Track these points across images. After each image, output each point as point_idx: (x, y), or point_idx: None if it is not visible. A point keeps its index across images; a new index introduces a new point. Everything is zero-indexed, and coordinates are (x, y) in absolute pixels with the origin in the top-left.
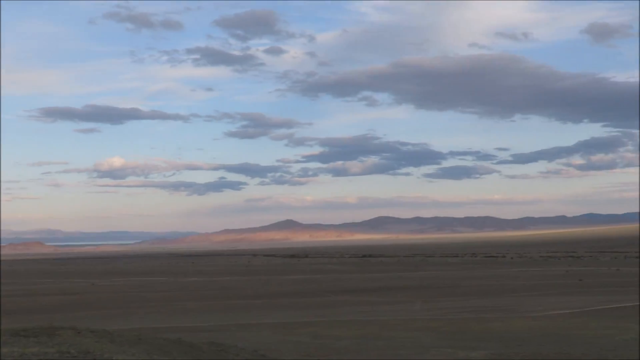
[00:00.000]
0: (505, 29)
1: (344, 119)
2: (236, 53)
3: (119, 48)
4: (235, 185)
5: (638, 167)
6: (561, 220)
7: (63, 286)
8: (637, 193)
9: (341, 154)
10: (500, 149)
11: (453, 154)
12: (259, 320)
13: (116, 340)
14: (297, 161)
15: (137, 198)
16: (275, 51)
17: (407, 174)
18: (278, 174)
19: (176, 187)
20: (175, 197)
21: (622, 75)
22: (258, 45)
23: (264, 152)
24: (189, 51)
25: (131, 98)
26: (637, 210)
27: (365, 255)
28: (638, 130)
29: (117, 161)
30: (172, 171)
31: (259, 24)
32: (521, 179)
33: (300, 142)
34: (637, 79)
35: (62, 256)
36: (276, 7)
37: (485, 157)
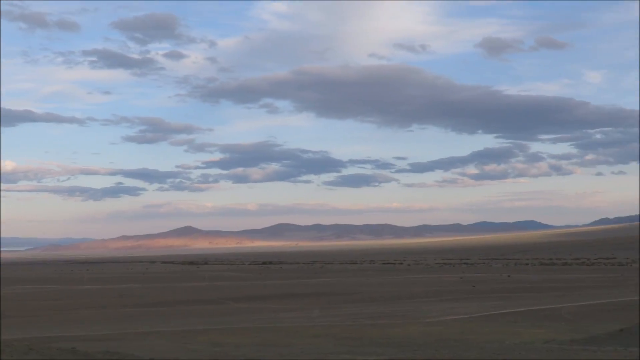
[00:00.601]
0: (403, 41)
1: (245, 126)
2: (135, 56)
3: (11, 48)
4: (133, 191)
5: (554, 176)
6: (456, 228)
7: None
8: (527, 202)
9: (242, 160)
10: (398, 158)
11: (353, 162)
12: (156, 329)
13: (5, 351)
14: (197, 167)
15: (29, 203)
16: (175, 55)
17: (308, 182)
18: (177, 180)
19: (71, 192)
20: (69, 202)
21: (514, 89)
22: (158, 49)
23: (163, 157)
24: (86, 53)
25: (24, 100)
26: (527, 219)
27: (265, 262)
28: (529, 142)
29: (8, 165)
30: (66, 176)
31: (159, 28)
32: (418, 188)
33: (200, 148)
34: (529, 93)
35: None
36: (177, 11)
37: (384, 165)
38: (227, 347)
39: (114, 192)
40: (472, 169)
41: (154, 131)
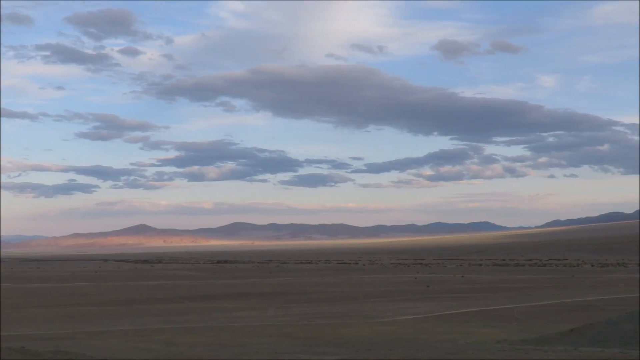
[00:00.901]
0: (361, 42)
1: (201, 124)
2: (89, 52)
3: None
4: (86, 188)
5: (507, 178)
6: (411, 228)
7: None
8: (481, 204)
9: (198, 158)
10: (354, 158)
11: (309, 161)
12: (108, 328)
13: None
14: (152, 165)
15: None
16: (131, 52)
17: (264, 181)
18: (132, 178)
19: (22, 188)
20: (21, 199)
21: (470, 91)
22: (113, 45)
23: (118, 154)
24: (39, 47)
25: None
26: (481, 220)
27: (220, 261)
28: (483, 144)
29: None
30: (17, 172)
31: (114, 24)
32: (374, 188)
33: (155, 145)
34: (484, 95)
35: None
36: (133, 7)
37: (340, 165)
38: (182, 347)
39: (67, 189)
40: (427, 170)
41: (108, 128)
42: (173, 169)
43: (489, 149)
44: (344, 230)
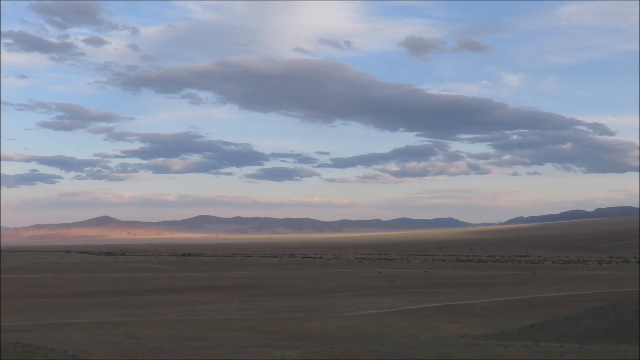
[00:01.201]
0: (328, 36)
1: (166, 116)
2: (53, 40)
3: None
4: (49, 179)
5: (472, 175)
6: (376, 223)
7: None
8: (445, 200)
9: (163, 150)
10: (320, 153)
11: (275, 155)
12: (70, 320)
13: None
14: (116, 156)
15: None
16: (96, 41)
17: (229, 174)
18: (95, 169)
19: None
20: None
21: (436, 88)
22: (78, 34)
23: (81, 145)
24: (2, 35)
25: None
26: (445, 217)
27: (185, 254)
28: (448, 141)
29: None
30: None
31: (79, 13)
32: (340, 183)
33: (120, 136)
34: (449, 93)
35: None
36: None
37: (306, 160)
38: (144, 340)
39: (28, 179)
40: (392, 166)
41: (72, 118)
42: (137, 160)
43: (454, 146)
44: (309, 224)
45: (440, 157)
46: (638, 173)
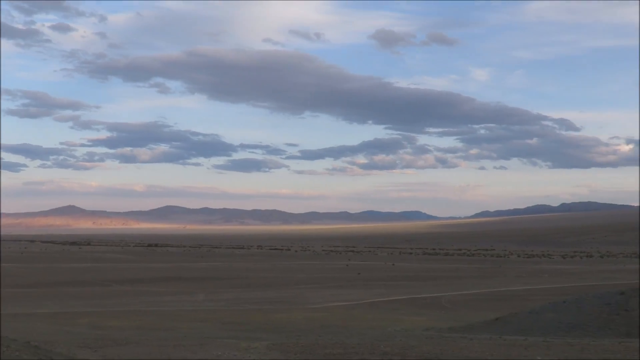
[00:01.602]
0: (299, 28)
1: (134, 105)
2: (19, 26)
3: None
4: (13, 167)
5: (439, 169)
6: (344, 216)
7: None
8: (413, 193)
9: (130, 140)
10: (289, 145)
11: (244, 146)
12: (33, 310)
13: None
14: (83, 145)
15: None
16: (62, 28)
17: (197, 165)
18: (61, 158)
19: None
20: None
21: (405, 82)
22: (44, 21)
23: (47, 133)
24: None
25: None
26: (413, 210)
27: (151, 245)
28: (417, 134)
29: None
30: None
31: None
32: (308, 175)
33: (86, 125)
34: (418, 86)
35: None
36: None
37: (275, 151)
38: (109, 331)
39: None
40: (361, 159)
41: (38, 106)
42: (104, 149)
43: (422, 139)
44: (277, 216)
45: (408, 151)
46: (638, 168)
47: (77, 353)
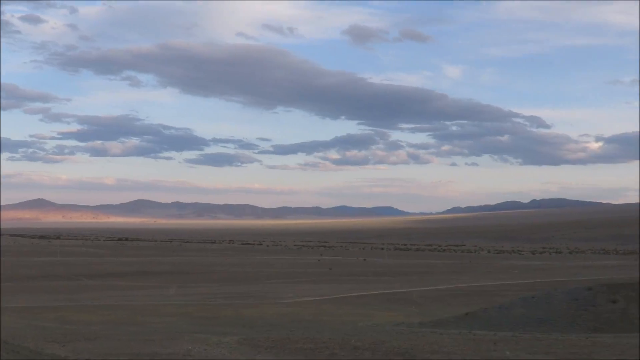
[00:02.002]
0: (272, 22)
1: (105, 98)
2: None
3: None
4: None
5: (411, 165)
6: (316, 211)
7: None
8: (385, 189)
9: (101, 133)
10: (262, 139)
11: (216, 141)
12: (2, 305)
13: None
14: (53, 138)
15: None
16: (32, 19)
17: (169, 158)
18: (30, 150)
19: None
20: None
21: (378, 77)
22: (14, 12)
23: (16, 126)
24: None
25: None
26: (385, 205)
27: (122, 239)
28: (389, 130)
29: None
30: None
31: None
32: (281, 170)
33: (56, 118)
34: (391, 82)
35: None
36: None
37: (248, 146)
38: (78, 325)
39: None
40: (333, 154)
41: (7, 98)
42: (74, 142)
43: (395, 135)
44: (249, 210)
45: (380, 146)
46: (639, 165)
47: (46, 348)
